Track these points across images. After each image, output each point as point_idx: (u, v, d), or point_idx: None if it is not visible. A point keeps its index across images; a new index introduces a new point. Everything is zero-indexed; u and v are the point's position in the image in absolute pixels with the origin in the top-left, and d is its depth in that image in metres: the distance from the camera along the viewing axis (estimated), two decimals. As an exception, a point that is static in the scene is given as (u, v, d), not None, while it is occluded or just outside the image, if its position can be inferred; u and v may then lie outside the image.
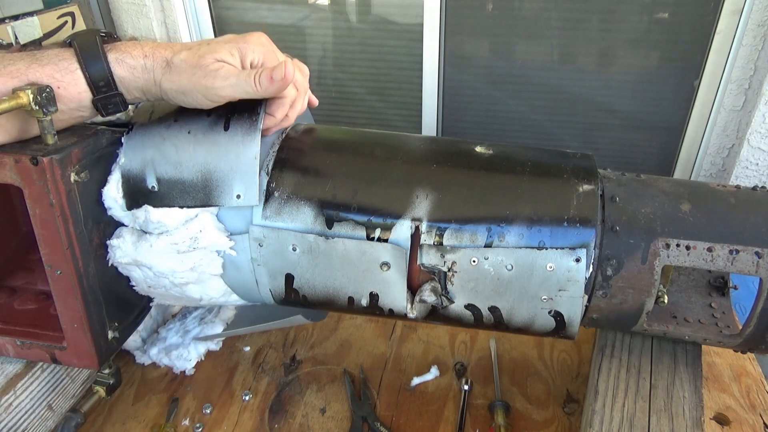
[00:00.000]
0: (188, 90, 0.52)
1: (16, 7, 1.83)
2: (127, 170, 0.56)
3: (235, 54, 0.52)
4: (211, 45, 0.52)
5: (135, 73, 0.51)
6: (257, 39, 0.53)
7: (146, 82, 0.52)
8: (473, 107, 2.25)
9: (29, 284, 0.69)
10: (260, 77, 0.51)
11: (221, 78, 0.51)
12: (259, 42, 0.53)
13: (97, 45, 0.50)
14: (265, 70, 0.51)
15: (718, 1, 1.85)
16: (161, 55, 0.51)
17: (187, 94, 0.52)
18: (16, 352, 0.61)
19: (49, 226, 0.52)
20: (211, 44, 0.52)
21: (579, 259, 0.52)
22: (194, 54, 0.51)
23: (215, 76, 0.51)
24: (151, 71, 0.51)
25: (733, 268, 0.52)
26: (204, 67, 0.51)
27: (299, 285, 0.58)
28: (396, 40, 2.21)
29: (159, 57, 0.51)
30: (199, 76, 0.51)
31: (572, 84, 2.06)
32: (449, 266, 0.54)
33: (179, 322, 0.77)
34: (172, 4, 2.18)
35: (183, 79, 0.51)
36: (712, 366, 0.75)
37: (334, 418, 0.68)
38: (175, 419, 0.67)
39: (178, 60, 0.51)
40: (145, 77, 0.51)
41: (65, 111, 0.51)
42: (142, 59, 0.51)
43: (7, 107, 0.46)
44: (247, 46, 0.52)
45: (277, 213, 0.56)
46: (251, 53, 0.52)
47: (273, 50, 0.54)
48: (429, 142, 0.62)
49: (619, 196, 0.55)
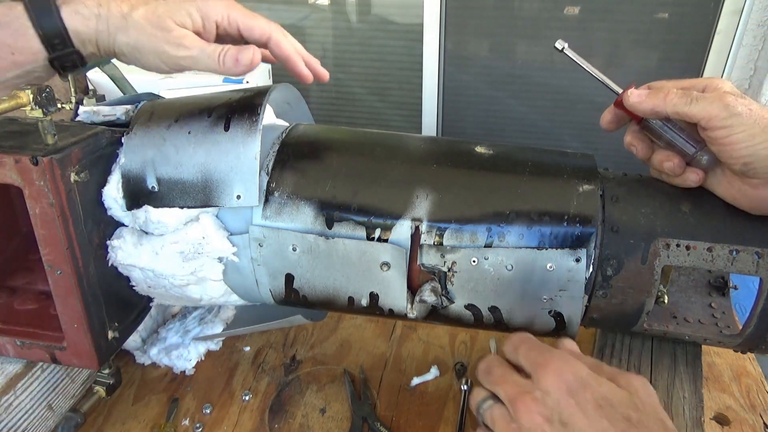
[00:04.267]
0: (146, 50, 0.50)
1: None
2: (127, 170, 0.56)
3: (194, 14, 0.49)
4: (168, 3, 0.49)
5: (89, 24, 0.49)
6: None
7: (100, 34, 0.50)
8: (473, 107, 2.25)
9: (29, 284, 0.69)
10: (225, 56, 0.50)
11: (184, 48, 0.49)
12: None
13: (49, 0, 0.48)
14: (230, 50, 0.50)
15: (718, 1, 1.85)
16: (117, 6, 0.49)
17: (143, 53, 0.50)
18: (16, 352, 0.61)
19: (49, 226, 0.52)
20: (168, 2, 0.49)
21: (579, 259, 0.52)
22: (152, 12, 0.49)
23: (178, 44, 0.49)
24: (105, 21, 0.49)
25: (733, 268, 0.52)
26: (167, 30, 0.48)
27: (299, 285, 0.58)
28: (396, 40, 2.21)
29: (115, 8, 0.49)
30: (161, 39, 0.49)
31: (572, 84, 2.06)
32: (449, 266, 0.54)
33: (179, 322, 0.77)
34: (172, 4, 2.18)
35: (142, 37, 0.49)
36: (712, 366, 0.75)
37: (334, 418, 0.68)
38: (175, 419, 0.67)
39: (136, 15, 0.49)
40: (99, 28, 0.49)
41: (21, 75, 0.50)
42: (96, 8, 0.49)
43: (7, 107, 0.46)
44: (207, 6, 0.50)
45: (277, 213, 0.56)
46: (213, 11, 0.50)
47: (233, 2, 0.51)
48: (429, 142, 0.62)
49: (619, 196, 0.55)
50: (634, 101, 0.51)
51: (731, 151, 0.48)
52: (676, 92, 0.49)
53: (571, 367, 0.39)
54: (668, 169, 0.53)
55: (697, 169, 0.53)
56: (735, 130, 0.46)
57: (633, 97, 0.51)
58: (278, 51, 0.54)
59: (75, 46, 0.50)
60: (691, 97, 0.48)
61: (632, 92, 0.52)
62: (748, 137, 0.46)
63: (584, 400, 0.38)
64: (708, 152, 0.51)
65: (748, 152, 0.47)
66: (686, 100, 0.48)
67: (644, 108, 0.51)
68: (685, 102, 0.48)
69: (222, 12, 0.50)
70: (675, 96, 0.49)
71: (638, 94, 0.51)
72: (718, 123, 0.47)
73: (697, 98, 0.48)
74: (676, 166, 0.53)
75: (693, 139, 0.52)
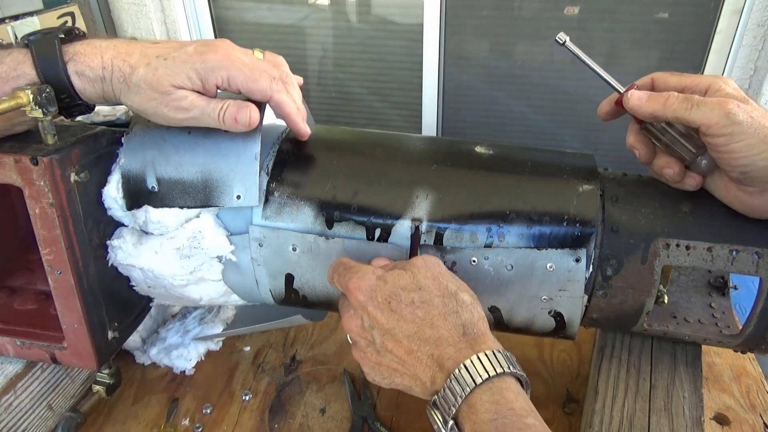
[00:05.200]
0: (149, 112, 0.50)
1: (16, 7, 1.83)
2: (127, 170, 0.56)
3: (193, 77, 0.49)
4: (168, 65, 0.48)
5: (95, 86, 0.50)
6: (216, 56, 0.49)
7: (106, 93, 0.50)
8: (473, 107, 2.25)
9: (29, 284, 0.69)
10: (225, 114, 0.50)
11: (184, 110, 0.49)
12: (218, 59, 0.49)
13: (56, 57, 0.48)
14: (230, 108, 0.50)
15: (718, 1, 1.85)
16: (119, 68, 0.49)
17: (148, 114, 0.51)
18: (16, 352, 0.61)
19: (49, 226, 0.52)
20: (168, 62, 0.48)
21: (579, 259, 0.52)
22: (152, 74, 0.48)
23: (177, 107, 0.49)
24: (110, 83, 0.49)
25: (733, 268, 0.52)
26: (165, 94, 0.49)
27: (299, 285, 0.58)
28: (396, 40, 2.21)
29: (117, 71, 0.49)
30: (161, 103, 0.49)
31: (572, 84, 2.06)
32: (449, 266, 0.54)
33: (179, 322, 0.77)
34: (172, 4, 2.18)
35: (143, 101, 0.49)
36: (712, 366, 0.75)
37: (334, 418, 0.68)
38: (175, 419, 0.67)
39: (136, 79, 0.48)
40: (104, 89, 0.50)
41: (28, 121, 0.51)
42: (101, 71, 0.49)
43: (7, 107, 0.46)
44: (206, 68, 0.48)
45: (277, 213, 0.56)
46: (212, 75, 0.49)
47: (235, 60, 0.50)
48: (429, 142, 0.62)
49: (619, 196, 0.55)
50: (635, 104, 0.51)
51: (729, 159, 0.47)
52: (677, 97, 0.48)
53: (364, 280, 0.47)
54: (668, 175, 0.53)
55: (696, 174, 0.53)
56: (734, 138, 0.46)
57: (633, 100, 0.51)
58: (279, 111, 0.54)
59: (82, 100, 0.51)
60: (692, 102, 0.47)
61: (633, 94, 0.51)
62: (747, 147, 0.46)
63: (377, 302, 0.46)
64: (707, 156, 0.51)
65: (746, 161, 0.46)
66: (687, 105, 0.47)
67: (644, 111, 0.50)
68: (685, 107, 0.47)
69: (222, 75, 0.49)
70: (675, 101, 0.48)
71: (639, 96, 0.51)
72: (718, 131, 0.46)
73: (698, 103, 0.47)
74: (676, 174, 0.52)
75: (693, 143, 0.51)
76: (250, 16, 2.30)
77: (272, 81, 0.51)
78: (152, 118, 0.52)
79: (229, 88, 0.50)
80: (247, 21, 2.31)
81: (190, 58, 0.48)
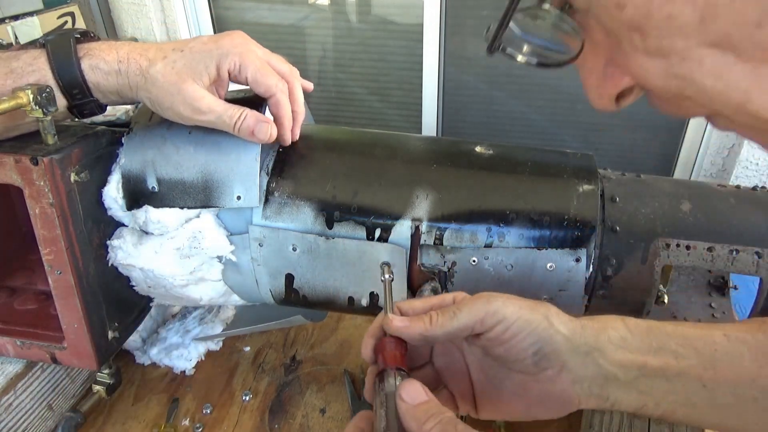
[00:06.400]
0: (164, 107, 0.51)
1: (16, 7, 1.83)
2: (128, 170, 0.56)
3: (211, 67, 0.50)
4: (186, 56, 0.49)
5: (109, 79, 0.50)
6: (231, 41, 0.51)
7: (121, 87, 0.51)
8: (473, 107, 2.25)
9: (29, 284, 0.69)
10: (241, 125, 0.51)
11: (200, 112, 0.50)
12: (233, 44, 0.50)
13: (71, 52, 0.49)
14: (248, 120, 0.51)
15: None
16: (136, 62, 0.50)
17: (163, 108, 0.51)
18: (16, 352, 0.61)
19: (49, 226, 0.52)
20: (185, 53, 0.50)
21: (579, 259, 0.52)
22: (171, 68, 0.49)
23: (194, 108, 0.50)
24: (126, 77, 0.50)
25: (733, 268, 0.52)
26: (183, 91, 0.49)
27: (299, 285, 0.58)
28: (396, 41, 2.21)
29: (134, 63, 0.50)
30: (178, 101, 0.50)
31: (572, 84, 2.06)
32: (449, 266, 0.54)
33: (179, 322, 0.77)
34: (172, 4, 2.18)
35: (161, 94, 0.50)
36: (712, 366, 0.75)
37: (334, 418, 0.68)
38: (175, 419, 0.67)
39: (154, 71, 0.49)
40: (119, 82, 0.50)
41: (30, 123, 0.51)
42: (116, 64, 0.50)
43: (7, 107, 0.46)
44: (221, 53, 0.50)
45: (277, 213, 0.56)
46: (226, 60, 0.50)
47: (249, 49, 0.51)
48: (429, 142, 0.63)
49: (619, 196, 0.55)
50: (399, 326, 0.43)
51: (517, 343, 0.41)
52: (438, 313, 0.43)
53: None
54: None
55: None
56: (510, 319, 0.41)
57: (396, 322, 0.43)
58: (274, 110, 0.55)
59: (94, 96, 0.51)
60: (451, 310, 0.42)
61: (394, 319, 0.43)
62: (526, 323, 0.41)
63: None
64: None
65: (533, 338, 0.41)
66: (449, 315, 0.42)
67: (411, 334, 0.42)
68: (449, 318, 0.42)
69: (235, 60, 0.50)
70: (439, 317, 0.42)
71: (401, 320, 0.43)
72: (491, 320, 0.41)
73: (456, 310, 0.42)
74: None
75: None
76: (250, 16, 2.30)
77: (279, 80, 0.53)
78: (166, 113, 0.52)
79: (239, 77, 0.51)
80: (247, 21, 2.31)
81: (205, 46, 0.50)
